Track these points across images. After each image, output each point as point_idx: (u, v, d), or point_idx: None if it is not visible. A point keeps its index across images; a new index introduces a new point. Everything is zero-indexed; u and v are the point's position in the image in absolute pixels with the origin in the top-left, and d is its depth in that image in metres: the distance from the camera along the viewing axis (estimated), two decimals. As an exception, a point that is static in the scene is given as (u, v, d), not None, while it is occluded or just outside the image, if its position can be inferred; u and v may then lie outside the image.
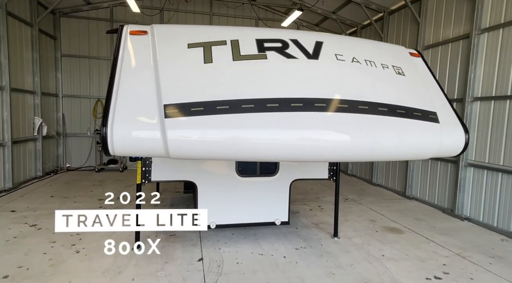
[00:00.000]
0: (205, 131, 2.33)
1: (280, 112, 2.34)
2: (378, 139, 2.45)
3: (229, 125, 2.33)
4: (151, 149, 2.38)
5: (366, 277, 4.47)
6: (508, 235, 6.19)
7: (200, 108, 2.38)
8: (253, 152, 2.37)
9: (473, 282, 4.44)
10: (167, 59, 2.71)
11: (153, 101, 2.44)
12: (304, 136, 2.34)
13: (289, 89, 2.48)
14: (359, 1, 10.11)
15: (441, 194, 8.06)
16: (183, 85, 2.52)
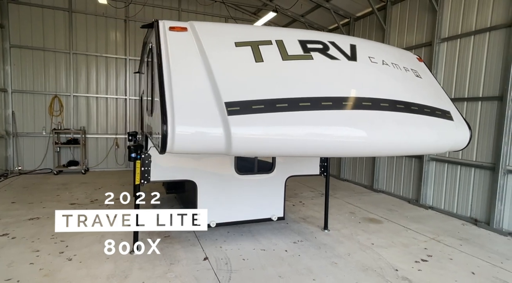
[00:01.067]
0: (267, 129, 2.39)
1: (333, 110, 2.51)
2: (414, 135, 2.74)
3: (290, 123, 2.43)
4: (212, 145, 2.38)
5: (365, 264, 4.84)
6: (467, 220, 7.07)
7: (261, 106, 2.44)
8: (311, 147, 2.50)
9: (453, 262, 5.04)
10: (218, 57, 2.70)
11: (210, 99, 2.43)
12: (355, 133, 2.53)
13: (338, 88, 2.66)
14: (328, 6, 10.64)
15: (406, 186, 8.88)
16: (239, 83, 2.55)
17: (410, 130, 2.72)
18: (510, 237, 6.22)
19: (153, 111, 3.26)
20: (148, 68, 3.85)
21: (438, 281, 4.40)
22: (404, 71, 3.23)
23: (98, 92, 11.76)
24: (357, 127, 2.53)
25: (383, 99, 2.69)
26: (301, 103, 2.48)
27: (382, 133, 2.58)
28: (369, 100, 2.62)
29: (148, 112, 3.93)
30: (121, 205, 7.19)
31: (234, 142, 2.28)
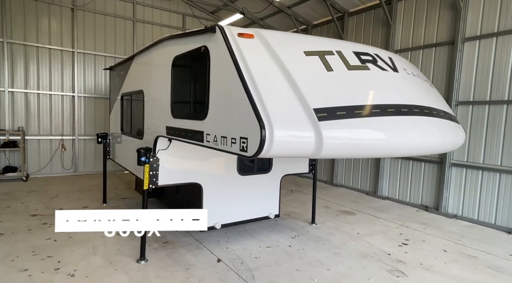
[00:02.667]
0: (350, 133, 2.63)
1: (396, 116, 2.86)
2: (443, 137, 3.26)
3: (366, 127, 2.71)
4: (301, 149, 2.50)
5: (362, 251, 5.40)
6: (419, 207, 8.27)
7: (343, 112, 2.66)
8: (382, 149, 2.81)
9: (426, 243, 5.93)
10: (296, 65, 2.82)
11: (296, 105, 2.55)
12: (413, 136, 2.93)
13: (396, 97, 3.03)
14: (289, 12, 11.20)
15: (363, 180, 9.91)
16: (320, 90, 2.71)
17: (442, 133, 3.24)
18: (455, 219, 7.49)
19: (205, 114, 3.22)
20: (191, 71, 3.73)
21: (423, 260, 5.16)
22: (423, 81, 3.80)
23: (39, 88, 10.44)
24: (415, 131, 2.95)
25: (425, 107, 3.16)
26: (373, 110, 2.79)
27: (425, 136, 3.04)
28: (417, 107, 3.06)
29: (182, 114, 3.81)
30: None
31: (325, 145, 2.47)
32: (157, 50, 4.56)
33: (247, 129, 2.57)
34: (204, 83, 3.24)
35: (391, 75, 3.28)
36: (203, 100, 3.27)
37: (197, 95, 3.52)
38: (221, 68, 2.95)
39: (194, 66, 3.59)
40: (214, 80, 3.09)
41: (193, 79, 3.60)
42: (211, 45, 3.10)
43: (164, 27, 12.35)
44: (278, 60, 2.80)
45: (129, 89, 6.01)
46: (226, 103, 2.88)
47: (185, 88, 3.81)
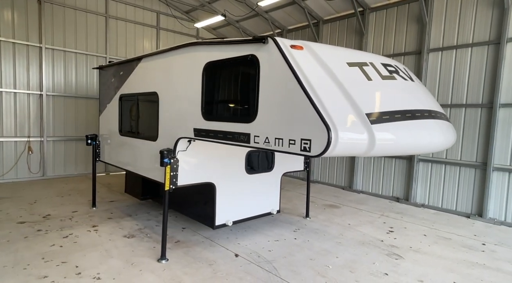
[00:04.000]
0: (394, 134, 3.10)
1: (423, 119, 3.42)
2: (445, 136, 3.88)
3: (405, 129, 3.23)
4: (355, 149, 2.89)
5: (359, 240, 6.02)
6: (391, 198, 9.23)
7: (387, 116, 3.12)
8: (416, 148, 3.35)
9: (407, 230, 6.74)
10: (344, 75, 3.20)
11: (349, 109, 2.92)
12: (433, 137, 3.50)
13: (417, 103, 3.57)
14: (267, 17, 11.63)
15: (339, 176, 10.72)
16: (366, 97, 3.12)
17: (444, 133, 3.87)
18: (423, 208, 8.52)
19: (253, 117, 3.48)
20: (232, 77, 3.93)
21: (411, 244, 5.92)
22: (423, 86, 4.44)
23: (2, 85, 9.61)
24: (435, 132, 3.54)
25: (435, 111, 3.76)
26: (406, 114, 3.30)
27: (434, 136, 3.64)
28: (433, 112, 3.65)
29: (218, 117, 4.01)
30: (93, 216, 6.53)
31: (376, 146, 2.90)
32: (181, 54, 4.67)
33: (311, 131, 2.92)
34: (251, 89, 3.50)
35: (410, 84, 3.85)
36: (250, 104, 3.54)
37: (242, 100, 3.76)
38: (276, 76, 3.25)
39: (236, 73, 3.82)
40: (265, 87, 3.37)
41: (236, 85, 3.83)
42: (261, 54, 3.37)
43: (138, 25, 12.05)
44: (328, 70, 3.18)
45: (133, 90, 5.95)
46: (282, 107, 3.18)
47: (223, 92, 4.02)
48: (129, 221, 6.53)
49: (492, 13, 7.54)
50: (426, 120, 3.50)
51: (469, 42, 7.89)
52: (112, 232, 5.89)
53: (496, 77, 7.43)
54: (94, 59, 11.17)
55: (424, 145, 3.43)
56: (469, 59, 7.92)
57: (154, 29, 12.48)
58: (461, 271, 4.91)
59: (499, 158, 7.47)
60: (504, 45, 7.30)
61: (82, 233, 5.80)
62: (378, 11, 9.60)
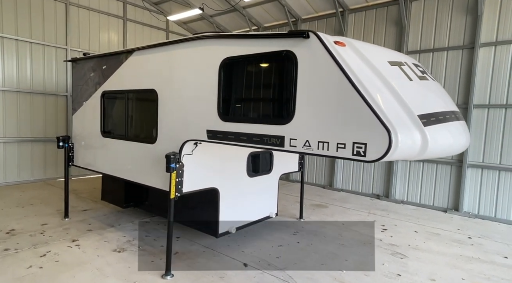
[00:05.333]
0: (442, 136, 3.01)
1: (453, 121, 3.38)
2: (467, 137, 3.92)
3: (449, 131, 3.16)
4: (410, 152, 2.71)
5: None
6: (371, 196, 9.48)
7: (433, 118, 3.01)
8: (452, 150, 3.31)
9: (398, 227, 6.91)
10: (390, 73, 3.00)
11: (400, 111, 2.74)
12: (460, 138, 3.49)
13: (446, 104, 3.53)
14: (244, 13, 11.30)
15: (319, 175, 10.78)
16: (413, 98, 2.97)
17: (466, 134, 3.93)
18: (403, 204, 8.86)
19: (288, 118, 3.19)
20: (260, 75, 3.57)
21: (407, 241, 6.05)
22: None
23: None
24: (462, 133, 3.53)
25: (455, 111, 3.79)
26: (446, 115, 3.24)
27: (461, 138, 3.67)
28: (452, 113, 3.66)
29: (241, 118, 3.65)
30: (69, 228, 5.80)
31: (429, 149, 2.79)
32: (189, 48, 4.20)
33: (366, 134, 2.72)
34: (286, 88, 3.22)
35: (437, 85, 3.84)
36: (285, 104, 3.25)
37: (274, 100, 3.45)
38: (319, 75, 3.00)
39: (266, 70, 3.49)
40: (304, 86, 3.11)
41: (265, 83, 3.50)
42: (300, 50, 3.10)
43: (103, 15, 11.02)
44: (374, 68, 3.01)
45: (121, 87, 5.30)
46: (328, 108, 2.94)
47: (247, 91, 3.66)
48: (113, 232, 5.86)
49: (466, 19, 8.01)
50: (454, 122, 3.50)
51: (445, 46, 8.31)
52: (98, 247, 5.22)
53: (470, 80, 7.91)
54: (53, 51, 9.99)
55: (455, 147, 3.43)
56: (445, 62, 8.35)
57: (121, 20, 11.52)
58: (463, 266, 5.09)
59: (473, 156, 7.98)
60: (477, 50, 7.79)
61: (62, 250, 5.06)
62: (357, 13, 9.76)
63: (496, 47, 7.67)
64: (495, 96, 7.70)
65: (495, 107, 7.67)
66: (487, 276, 4.79)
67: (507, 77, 7.53)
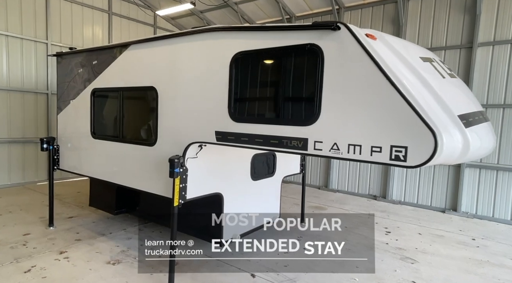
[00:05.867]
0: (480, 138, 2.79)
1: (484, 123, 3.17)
2: (495, 138, 3.72)
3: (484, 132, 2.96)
4: (451, 155, 2.45)
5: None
6: (368, 197, 9.36)
7: (471, 119, 2.77)
8: (485, 153, 3.10)
9: (401, 229, 6.77)
10: (425, 69, 2.75)
11: (439, 110, 2.50)
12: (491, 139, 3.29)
13: (475, 104, 3.32)
14: (236, 9, 10.94)
15: (313, 176, 10.57)
16: (450, 96, 2.73)
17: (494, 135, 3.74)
18: (400, 204, 8.77)
19: (313, 119, 2.89)
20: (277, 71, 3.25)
21: (414, 244, 5.90)
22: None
23: None
24: (491, 134, 3.34)
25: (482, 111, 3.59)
26: (476, 117, 3.03)
27: (491, 139, 3.47)
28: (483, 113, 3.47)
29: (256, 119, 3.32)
30: (55, 238, 5.32)
31: (470, 151, 2.56)
32: (194, 41, 3.82)
33: (406, 136, 2.45)
34: (310, 85, 2.92)
35: (464, 84, 3.63)
36: (309, 103, 2.95)
37: (296, 98, 3.14)
38: (350, 71, 2.71)
39: (286, 65, 3.16)
40: (332, 83, 2.81)
41: (285, 80, 3.17)
42: (327, 44, 2.80)
43: (87, 8, 10.38)
44: (408, 64, 2.76)
45: (115, 84, 4.84)
46: (360, 108, 2.66)
47: (263, 89, 3.33)
48: (105, 242, 5.40)
49: (463, 18, 7.96)
50: (484, 123, 3.30)
51: (443, 45, 8.25)
52: (89, 259, 4.77)
53: (468, 80, 7.87)
54: (32, 46, 9.30)
55: (488, 149, 3.23)
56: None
57: (106, 14, 10.90)
58: (476, 270, 4.96)
59: (471, 155, 7.95)
60: (475, 50, 7.76)
61: (49, 264, 4.58)
62: (353, 10, 9.60)
63: (494, 47, 7.65)
64: (492, 96, 7.69)
65: (493, 107, 7.65)
66: (501, 281, 4.66)
67: (505, 77, 7.53)
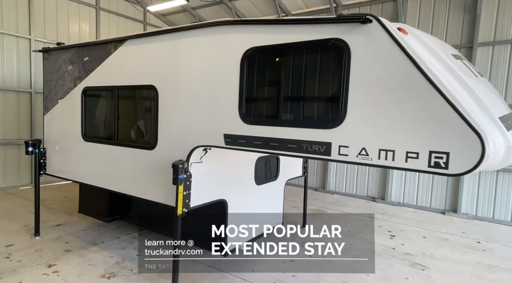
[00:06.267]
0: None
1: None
2: None
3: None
4: (494, 161, 2.25)
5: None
6: (366, 198, 9.20)
7: (509, 121, 2.58)
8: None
9: (405, 232, 6.62)
10: (458, 68, 2.52)
11: (479, 112, 2.28)
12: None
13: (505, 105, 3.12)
14: (230, 6, 10.62)
15: (311, 177, 10.35)
16: (487, 97, 2.51)
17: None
18: (399, 206, 8.64)
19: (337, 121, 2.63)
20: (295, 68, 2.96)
21: (420, 249, 5.74)
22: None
23: None
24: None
25: None
26: (508, 121, 2.83)
27: None
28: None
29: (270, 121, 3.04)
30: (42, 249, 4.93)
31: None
32: (200, 36, 3.49)
33: (448, 141, 2.21)
34: (335, 84, 2.66)
35: (491, 84, 3.45)
36: (333, 104, 2.68)
37: (317, 98, 2.86)
38: (382, 68, 2.45)
39: (307, 62, 2.88)
40: (359, 81, 2.55)
41: (305, 78, 2.89)
42: (354, 38, 2.54)
43: (73, 2, 9.86)
44: (443, 61, 2.53)
45: (109, 82, 4.46)
46: (394, 109, 2.41)
47: (279, 88, 3.04)
48: (97, 253, 5.01)
49: (463, 18, 7.88)
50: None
51: (442, 45, 8.15)
52: (82, 272, 4.39)
53: (468, 80, 7.79)
54: (14, 41, 8.74)
55: None
56: (442, 61, 8.19)
57: (93, 9, 10.40)
58: (487, 276, 4.82)
59: (471, 156, 7.88)
60: (475, 49, 7.69)
61: (36, 279, 4.18)
62: (351, 9, 9.42)
63: (494, 47, 7.59)
64: (493, 97, 7.63)
65: (493, 108, 7.59)
66: (515, 287, 4.53)
67: (505, 77, 7.48)
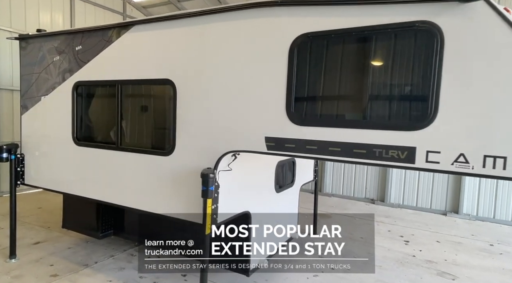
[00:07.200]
0: None
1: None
2: None
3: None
4: None
5: (393, 258, 5.32)
6: (365, 200, 8.97)
7: None
8: None
9: (416, 236, 6.38)
10: None
11: None
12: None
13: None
14: None
15: (306, 179, 9.98)
16: None
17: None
18: (399, 208, 8.48)
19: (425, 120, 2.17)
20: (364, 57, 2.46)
21: (441, 255, 5.50)
22: None
23: None
24: None
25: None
26: None
27: None
28: None
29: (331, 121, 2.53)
30: (21, 276, 4.15)
31: None
32: (231, 21, 2.91)
33: None
34: (421, 77, 2.21)
35: None
36: (418, 100, 2.23)
37: (397, 94, 2.39)
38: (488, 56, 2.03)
39: (382, 50, 2.40)
40: (455, 73, 2.11)
41: (377, 70, 2.41)
42: (449, 21, 2.09)
43: (46, -11, 8.81)
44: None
45: (109, 76, 3.73)
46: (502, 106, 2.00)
47: (344, 83, 2.54)
48: (91, 276, 4.26)
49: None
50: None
51: (442, 44, 8.07)
52: (76, 304, 3.65)
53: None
54: (-25, 30, 7.61)
55: None
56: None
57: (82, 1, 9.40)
58: (518, 283, 4.63)
59: (471, 157, 7.85)
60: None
61: (20, 317, 3.39)
62: (348, 6, 9.15)
63: (494, 47, 7.59)
64: (493, 97, 7.64)
65: (493, 108, 7.59)
66: (550, 294, 4.36)
67: (505, 77, 7.50)
